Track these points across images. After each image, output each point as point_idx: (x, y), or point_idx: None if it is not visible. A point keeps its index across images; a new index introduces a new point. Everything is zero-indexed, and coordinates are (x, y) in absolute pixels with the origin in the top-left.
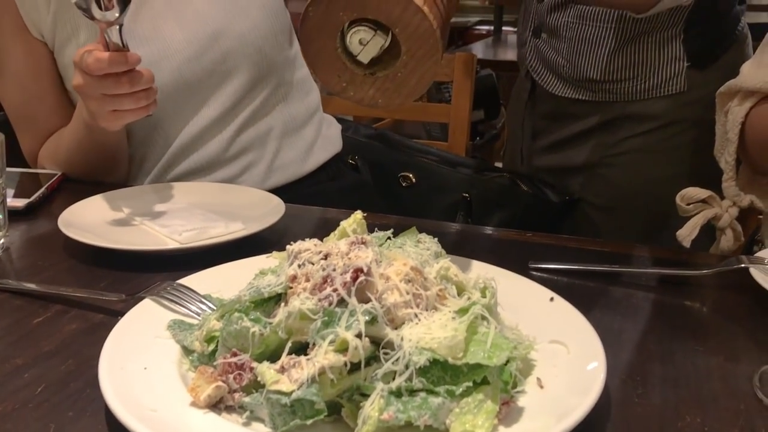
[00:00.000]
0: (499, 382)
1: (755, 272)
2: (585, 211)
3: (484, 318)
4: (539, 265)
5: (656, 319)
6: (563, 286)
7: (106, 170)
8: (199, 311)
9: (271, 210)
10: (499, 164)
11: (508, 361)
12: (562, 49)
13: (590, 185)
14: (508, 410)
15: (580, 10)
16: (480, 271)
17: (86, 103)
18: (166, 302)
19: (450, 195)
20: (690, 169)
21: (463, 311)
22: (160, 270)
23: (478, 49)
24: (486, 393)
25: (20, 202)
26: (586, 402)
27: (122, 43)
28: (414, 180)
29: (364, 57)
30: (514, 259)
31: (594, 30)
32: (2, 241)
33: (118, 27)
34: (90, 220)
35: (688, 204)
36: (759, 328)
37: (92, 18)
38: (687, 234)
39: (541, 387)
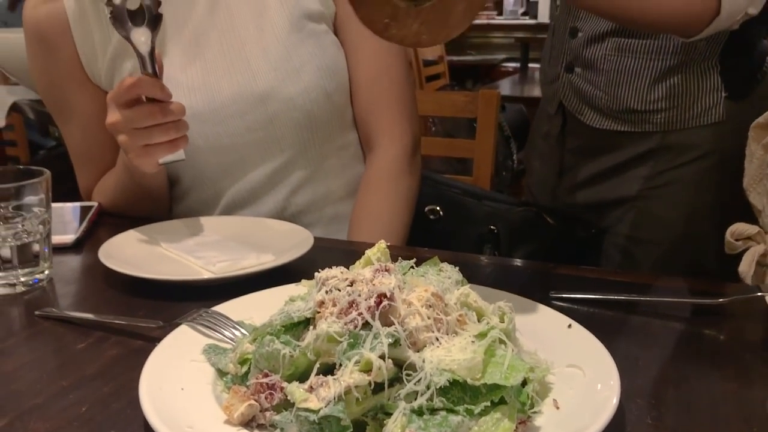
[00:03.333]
0: (516, 402)
1: None
2: (619, 243)
3: (501, 342)
4: (560, 295)
5: (672, 346)
6: (582, 315)
7: (146, 211)
8: (233, 337)
9: (300, 242)
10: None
11: (525, 383)
12: (599, 81)
13: (626, 219)
14: (525, 429)
15: (618, 42)
16: (499, 298)
17: (119, 141)
18: (201, 328)
19: (477, 227)
20: (729, 200)
21: (481, 335)
22: (195, 299)
23: (506, 86)
24: (503, 412)
25: (68, 238)
26: (599, 422)
27: (154, 71)
28: (441, 213)
29: None
30: (536, 289)
31: (633, 62)
32: (47, 272)
33: (149, 54)
34: (128, 252)
35: (737, 240)
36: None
37: (126, 38)
38: (747, 270)
39: (557, 408)
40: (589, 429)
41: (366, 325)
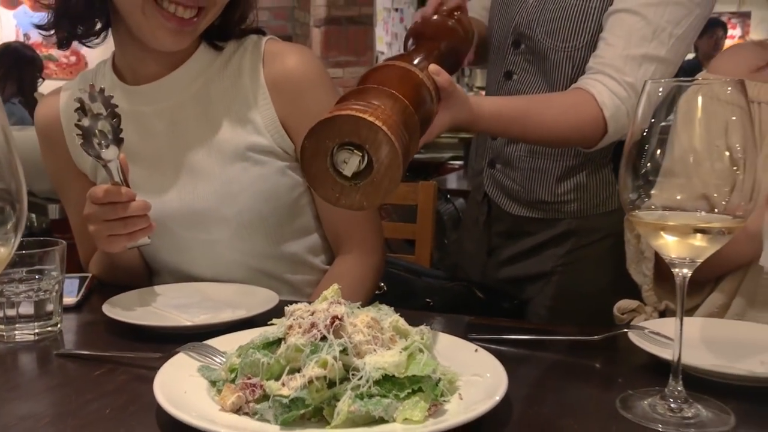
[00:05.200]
0: (430, 392)
1: (631, 335)
2: (538, 312)
3: (420, 350)
4: (476, 336)
5: (557, 367)
6: (492, 350)
7: (126, 281)
8: (221, 362)
9: (267, 299)
10: None
11: (439, 381)
12: (516, 177)
13: (544, 291)
14: (436, 410)
15: (530, 145)
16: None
17: (90, 230)
18: (194, 355)
19: (416, 301)
20: (626, 274)
21: (406, 347)
22: (183, 344)
23: (452, 181)
24: (421, 397)
25: (72, 300)
26: (487, 405)
27: (121, 180)
28: (386, 288)
29: (348, 171)
30: (458, 332)
31: (542, 162)
32: (59, 326)
33: (117, 166)
34: (125, 308)
35: (623, 313)
36: (631, 374)
37: (96, 158)
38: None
39: (461, 399)
40: (480, 409)
41: (323, 339)
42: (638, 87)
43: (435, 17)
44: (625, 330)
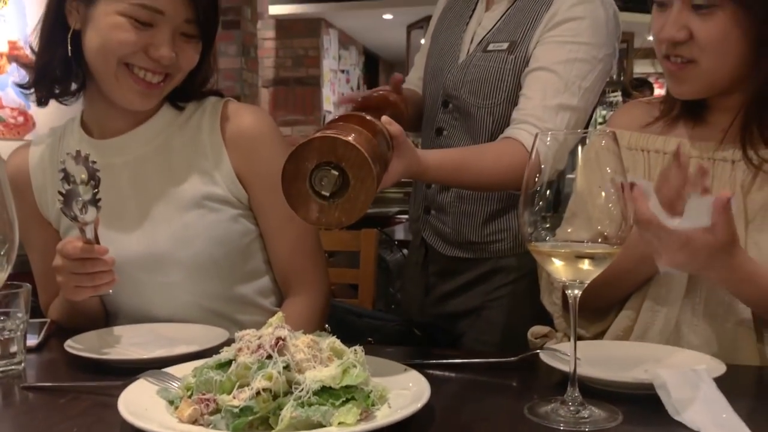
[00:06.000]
0: (362, 401)
1: (542, 356)
2: (470, 346)
3: (354, 366)
4: (410, 362)
5: (477, 384)
6: (420, 371)
7: (84, 325)
8: (177, 386)
9: (219, 336)
10: None
11: (370, 392)
12: (448, 221)
13: (474, 326)
14: (367, 416)
15: (458, 192)
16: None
17: (58, 280)
18: (153, 380)
19: (357, 340)
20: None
21: (342, 363)
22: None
23: (400, 232)
24: (354, 404)
25: (33, 342)
26: (410, 410)
27: (94, 238)
28: (329, 329)
29: (326, 191)
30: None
31: (470, 206)
32: (23, 365)
33: (92, 226)
34: (86, 345)
35: (536, 338)
36: (541, 387)
37: (73, 219)
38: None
39: (389, 407)
40: (402, 413)
41: (269, 357)
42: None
43: (378, 93)
44: (538, 351)
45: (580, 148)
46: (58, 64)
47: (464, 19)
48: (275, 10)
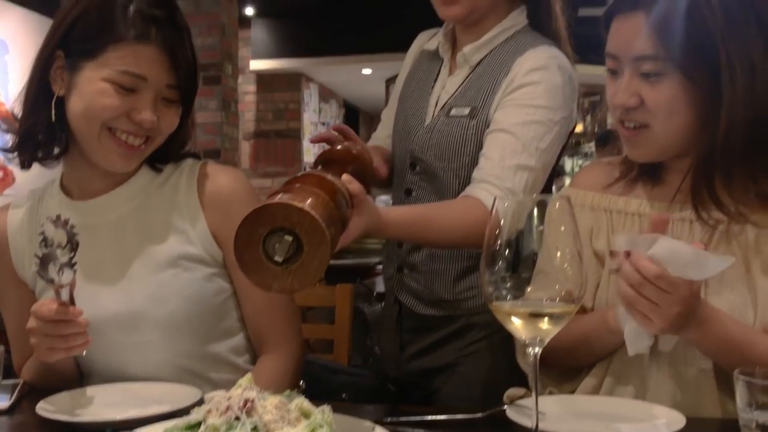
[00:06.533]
0: None
1: (509, 412)
2: (444, 401)
3: (321, 426)
4: (378, 420)
5: None
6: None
7: (58, 386)
8: None
9: (191, 395)
10: None
11: None
12: (420, 279)
13: (449, 382)
14: None
15: (430, 251)
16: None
17: (31, 342)
18: None
19: (331, 397)
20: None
21: (309, 423)
22: None
23: (380, 284)
24: None
25: (4, 405)
26: None
27: (69, 300)
28: (304, 386)
29: (280, 256)
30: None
31: (441, 265)
32: None
33: (68, 288)
34: (58, 408)
35: (512, 401)
36: None
37: (49, 282)
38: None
39: None
40: None
41: (237, 419)
42: (516, 191)
43: (340, 146)
44: (505, 407)
45: (536, 210)
46: (41, 129)
47: (430, 83)
48: (256, 65)
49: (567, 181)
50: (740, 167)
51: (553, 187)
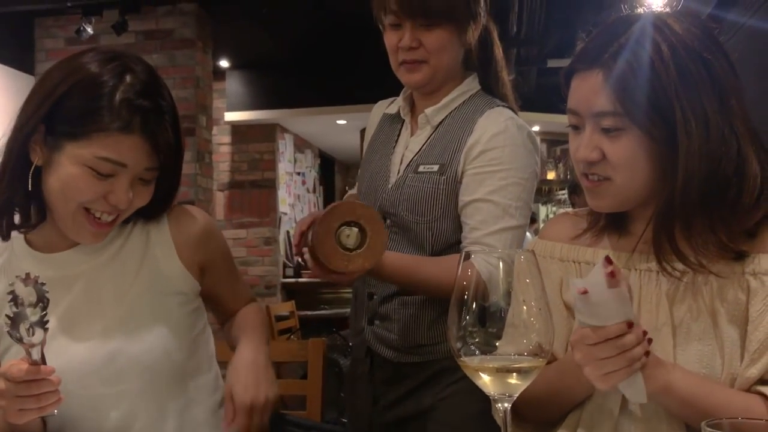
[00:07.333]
0: None
1: None
2: None
3: None
4: None
5: None
6: None
7: None
8: None
9: None
10: None
11: None
12: (393, 328)
13: (426, 428)
14: None
15: (402, 299)
16: None
17: (0, 403)
18: None
19: None
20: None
21: None
22: None
23: None
24: None
25: None
26: None
27: (41, 359)
28: None
29: (351, 243)
30: None
31: (415, 311)
32: None
33: (39, 347)
34: None
35: None
36: None
37: (19, 342)
38: None
39: None
40: None
41: None
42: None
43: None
44: None
45: (502, 264)
46: (20, 200)
47: (391, 144)
48: (231, 116)
49: (542, 225)
50: (699, 218)
51: (528, 233)
